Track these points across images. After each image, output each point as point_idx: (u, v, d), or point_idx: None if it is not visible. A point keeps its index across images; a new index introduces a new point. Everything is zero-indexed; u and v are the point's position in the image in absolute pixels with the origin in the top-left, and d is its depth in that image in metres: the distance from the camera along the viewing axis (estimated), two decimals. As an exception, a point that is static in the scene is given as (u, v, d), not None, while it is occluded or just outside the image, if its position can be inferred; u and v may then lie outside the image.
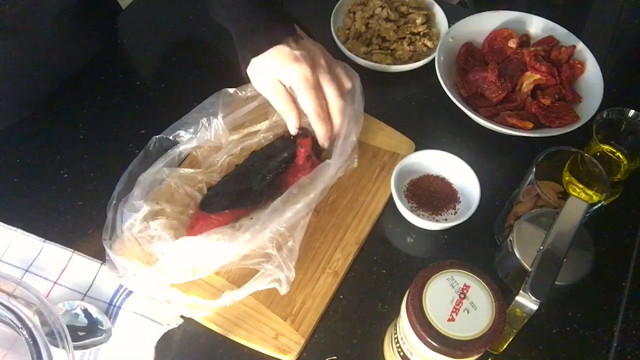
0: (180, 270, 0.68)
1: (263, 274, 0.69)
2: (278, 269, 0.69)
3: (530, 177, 0.71)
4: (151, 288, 0.68)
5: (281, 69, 0.71)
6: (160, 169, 0.74)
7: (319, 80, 0.72)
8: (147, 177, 0.73)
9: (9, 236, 0.74)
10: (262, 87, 0.74)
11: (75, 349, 0.64)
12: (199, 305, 0.68)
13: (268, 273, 0.69)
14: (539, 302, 0.59)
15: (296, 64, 0.70)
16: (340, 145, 0.76)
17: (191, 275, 0.68)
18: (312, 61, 0.71)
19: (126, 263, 0.67)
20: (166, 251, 0.68)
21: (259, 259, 0.70)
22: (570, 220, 0.63)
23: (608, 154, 0.79)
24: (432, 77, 0.88)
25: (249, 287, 0.68)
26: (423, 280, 0.56)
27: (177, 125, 0.78)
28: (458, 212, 0.79)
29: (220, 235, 0.68)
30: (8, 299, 0.60)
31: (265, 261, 0.69)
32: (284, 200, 0.71)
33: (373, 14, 0.96)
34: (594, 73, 0.89)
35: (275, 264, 0.69)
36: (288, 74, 0.71)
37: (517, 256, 0.66)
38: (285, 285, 0.69)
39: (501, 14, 0.96)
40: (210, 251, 0.67)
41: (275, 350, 0.68)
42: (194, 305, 0.68)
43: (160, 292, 0.68)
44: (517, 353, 0.70)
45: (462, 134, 0.89)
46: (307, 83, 0.70)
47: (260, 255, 0.70)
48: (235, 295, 0.68)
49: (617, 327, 0.73)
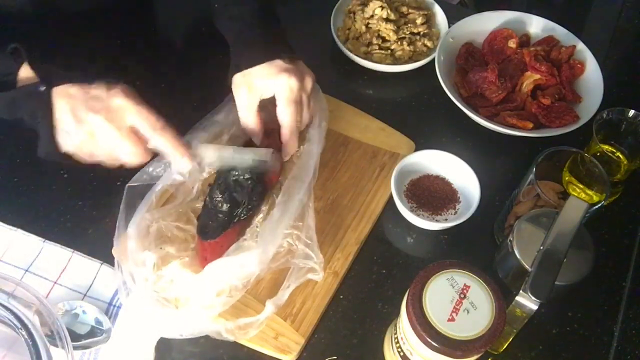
0: (217, 300, 0.66)
1: (294, 269, 0.70)
2: (306, 259, 0.69)
3: (530, 177, 0.71)
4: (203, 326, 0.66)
5: (268, 78, 0.71)
6: (143, 216, 0.71)
7: (301, 98, 0.73)
8: (134, 227, 0.70)
9: (9, 236, 0.74)
10: (240, 95, 0.73)
11: (75, 349, 0.64)
12: (248, 324, 0.66)
13: (299, 266, 0.69)
14: (539, 302, 0.59)
15: (285, 74, 0.70)
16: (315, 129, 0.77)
17: (230, 298, 0.67)
18: (300, 77, 0.72)
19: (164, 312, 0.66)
20: (196, 286, 0.66)
21: (285, 257, 0.70)
22: (570, 220, 0.63)
23: (608, 154, 0.79)
24: (432, 77, 0.88)
25: (287, 287, 0.68)
26: (423, 280, 0.56)
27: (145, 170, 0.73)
28: (458, 212, 0.79)
29: (239, 250, 0.68)
30: (8, 299, 0.60)
31: (292, 257, 0.70)
32: (284, 194, 0.71)
33: (373, 14, 0.96)
34: (594, 73, 0.89)
35: (302, 256, 0.70)
36: (274, 83, 0.71)
37: (517, 256, 0.66)
38: (320, 272, 0.70)
39: (501, 14, 0.96)
40: (238, 267, 0.66)
41: (275, 350, 0.68)
42: (243, 326, 0.66)
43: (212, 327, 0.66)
44: (517, 353, 0.70)
45: (462, 134, 0.89)
46: (291, 94, 0.71)
47: (285, 253, 0.70)
48: (277, 300, 0.67)
49: (617, 327, 0.73)
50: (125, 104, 0.62)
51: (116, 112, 0.62)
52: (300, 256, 0.70)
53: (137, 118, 0.63)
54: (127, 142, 0.62)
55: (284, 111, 0.72)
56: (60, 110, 0.62)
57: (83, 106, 0.62)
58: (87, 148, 0.63)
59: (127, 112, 0.62)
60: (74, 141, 0.63)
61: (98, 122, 0.61)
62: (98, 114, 0.61)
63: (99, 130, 0.62)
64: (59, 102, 0.62)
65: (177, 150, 0.65)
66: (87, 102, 0.62)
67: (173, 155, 0.65)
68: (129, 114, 0.62)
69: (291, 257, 0.70)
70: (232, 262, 0.66)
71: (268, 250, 0.67)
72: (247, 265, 0.66)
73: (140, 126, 0.63)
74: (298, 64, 0.74)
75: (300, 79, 0.72)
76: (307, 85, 0.74)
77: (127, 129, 0.62)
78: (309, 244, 0.70)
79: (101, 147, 0.63)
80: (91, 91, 0.62)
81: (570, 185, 0.77)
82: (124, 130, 0.62)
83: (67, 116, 0.62)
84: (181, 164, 0.67)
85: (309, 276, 0.69)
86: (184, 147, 0.66)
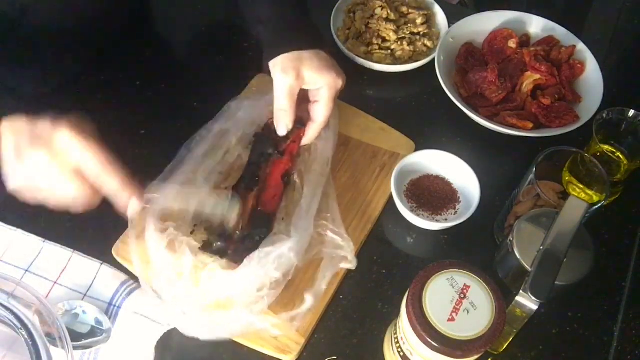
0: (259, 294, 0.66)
1: (327, 259, 0.72)
2: (338, 249, 0.71)
3: (530, 177, 0.71)
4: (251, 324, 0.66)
5: (318, 71, 0.72)
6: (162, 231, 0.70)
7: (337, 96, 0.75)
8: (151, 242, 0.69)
9: (9, 236, 0.74)
10: (285, 79, 0.71)
11: (75, 349, 0.64)
12: (293, 317, 0.67)
13: (332, 256, 0.71)
14: (539, 302, 0.59)
15: (334, 72, 0.72)
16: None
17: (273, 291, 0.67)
18: (343, 77, 0.74)
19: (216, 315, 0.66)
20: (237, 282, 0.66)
21: (318, 247, 0.72)
22: (570, 220, 0.63)
23: (608, 154, 0.79)
24: (432, 77, 0.88)
25: (323, 277, 0.70)
26: (423, 280, 0.56)
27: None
28: (458, 212, 0.79)
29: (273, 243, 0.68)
30: (7, 299, 0.60)
31: (324, 246, 0.72)
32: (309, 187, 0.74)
33: (373, 14, 0.96)
34: (594, 73, 0.89)
35: (333, 245, 0.72)
36: (323, 78, 0.72)
37: (517, 256, 0.66)
38: (352, 261, 0.72)
39: (501, 14, 0.95)
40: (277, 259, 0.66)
41: (275, 350, 0.68)
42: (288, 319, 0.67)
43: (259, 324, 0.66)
44: (517, 353, 0.70)
45: (462, 134, 0.89)
46: (334, 93, 0.73)
47: (317, 244, 0.72)
48: (316, 292, 0.69)
49: (617, 327, 0.73)
50: (71, 141, 0.57)
51: (60, 149, 0.57)
52: (331, 246, 0.72)
53: (83, 157, 0.57)
54: (70, 183, 0.57)
55: (323, 108, 0.73)
56: (5, 146, 0.57)
57: (27, 142, 0.57)
58: (29, 188, 0.58)
59: (71, 149, 0.57)
60: (17, 180, 0.58)
61: (39, 160, 0.56)
62: (40, 151, 0.56)
63: (43, 171, 0.57)
64: (5, 136, 0.57)
65: (124, 191, 0.59)
66: (32, 139, 0.57)
67: (120, 197, 0.60)
68: (74, 151, 0.57)
69: (323, 247, 0.72)
70: (270, 255, 0.66)
71: (303, 240, 0.69)
72: (285, 255, 0.67)
73: (85, 165, 0.57)
74: (335, 63, 0.75)
75: (343, 78, 0.74)
76: (340, 85, 0.75)
77: (71, 169, 0.57)
78: (338, 232, 0.73)
79: (43, 187, 0.58)
80: (37, 127, 0.57)
81: (570, 185, 0.77)
82: (67, 170, 0.57)
83: (10, 153, 0.57)
84: (129, 206, 0.60)
85: (342, 265, 0.72)
86: (132, 187, 0.60)
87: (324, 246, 0.73)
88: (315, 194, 0.74)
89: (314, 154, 0.79)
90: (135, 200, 0.60)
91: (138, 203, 0.61)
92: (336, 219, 0.75)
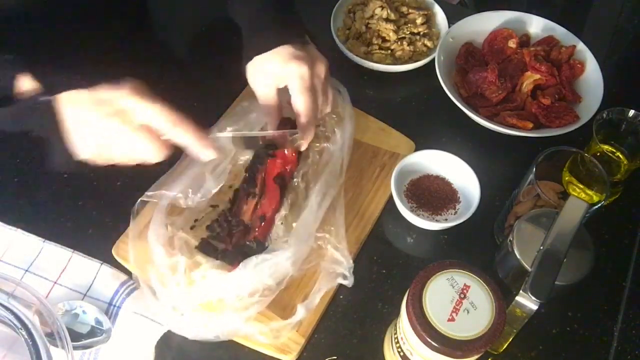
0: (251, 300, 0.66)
1: (324, 273, 0.70)
2: (336, 264, 0.70)
3: (530, 177, 0.71)
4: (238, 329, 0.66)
5: (279, 66, 0.70)
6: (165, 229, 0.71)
7: (314, 85, 0.71)
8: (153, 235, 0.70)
9: (9, 236, 0.74)
10: (256, 84, 0.73)
11: (75, 349, 0.64)
12: (281, 327, 0.67)
13: (329, 270, 0.70)
14: (539, 302, 0.59)
15: (295, 61, 0.69)
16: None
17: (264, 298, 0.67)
18: (311, 64, 0.70)
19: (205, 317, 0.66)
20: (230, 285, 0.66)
21: (316, 260, 0.71)
22: (570, 220, 0.63)
23: (608, 154, 0.79)
24: (432, 77, 0.88)
25: (318, 291, 0.69)
26: (423, 280, 0.56)
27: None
28: (458, 212, 0.79)
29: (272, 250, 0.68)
30: (7, 299, 0.60)
31: (322, 260, 0.71)
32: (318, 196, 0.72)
33: (373, 14, 0.96)
34: (594, 73, 0.89)
35: (331, 260, 0.70)
36: (285, 71, 0.70)
37: (517, 256, 0.66)
38: (350, 278, 0.70)
39: (501, 14, 0.95)
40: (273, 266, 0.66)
41: (275, 351, 0.68)
42: (276, 329, 0.67)
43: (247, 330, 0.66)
44: (517, 353, 0.70)
45: (462, 134, 0.89)
46: (302, 83, 0.69)
47: (316, 256, 0.71)
48: (308, 305, 0.68)
49: (617, 327, 0.73)
50: (137, 103, 0.60)
51: (128, 113, 0.59)
52: (330, 260, 0.71)
53: (151, 115, 0.60)
54: (145, 141, 0.60)
55: (297, 100, 0.70)
56: (70, 119, 0.59)
57: (93, 112, 0.59)
58: (104, 153, 0.61)
59: (139, 111, 0.60)
60: (89, 148, 0.61)
61: (112, 127, 0.59)
62: (110, 118, 0.59)
63: (114, 134, 0.60)
64: (67, 110, 0.59)
65: (199, 142, 0.63)
66: (97, 106, 0.59)
67: (195, 147, 0.63)
68: (142, 112, 0.60)
69: (321, 260, 0.71)
70: (266, 261, 0.66)
71: (302, 250, 0.68)
72: (282, 264, 0.66)
73: (156, 123, 0.61)
74: (309, 49, 0.72)
75: (311, 65, 0.70)
76: (320, 71, 0.72)
77: (142, 128, 0.60)
78: (339, 248, 0.71)
79: (118, 150, 0.61)
80: (98, 94, 0.59)
81: (570, 185, 0.77)
82: (140, 130, 0.60)
83: (79, 125, 0.60)
84: (205, 155, 0.64)
85: (339, 281, 0.70)
86: (206, 139, 0.63)
87: (322, 259, 0.71)
88: (321, 205, 0.73)
89: (326, 157, 0.78)
90: (211, 150, 0.64)
91: (213, 152, 0.64)
92: (339, 233, 0.73)
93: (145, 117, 0.60)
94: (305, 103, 0.70)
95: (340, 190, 0.76)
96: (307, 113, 0.70)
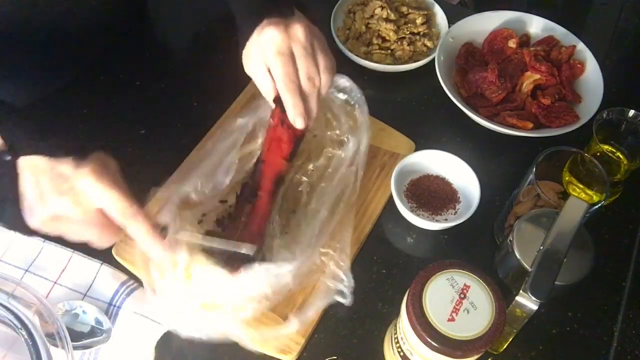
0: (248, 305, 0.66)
1: (323, 288, 0.69)
2: (337, 281, 0.69)
3: (530, 177, 0.71)
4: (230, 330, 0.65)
5: (257, 40, 0.67)
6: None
7: (290, 48, 0.67)
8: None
9: (9, 236, 0.74)
10: (248, 68, 0.71)
11: (75, 349, 0.64)
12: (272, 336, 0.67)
13: (329, 286, 0.69)
14: (539, 302, 0.59)
15: (267, 28, 0.66)
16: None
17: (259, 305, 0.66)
18: (284, 28, 0.66)
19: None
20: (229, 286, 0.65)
21: (317, 275, 0.70)
22: (570, 220, 0.63)
23: (608, 154, 0.79)
24: (432, 77, 0.88)
25: (312, 306, 0.68)
26: (423, 280, 0.56)
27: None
28: (458, 212, 0.79)
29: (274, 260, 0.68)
30: (7, 299, 0.60)
31: (322, 275, 0.70)
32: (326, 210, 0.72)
33: (373, 14, 0.96)
34: (594, 73, 0.89)
35: (332, 276, 0.69)
36: (261, 41, 0.67)
37: (517, 256, 0.66)
38: (349, 297, 0.68)
39: (501, 14, 0.95)
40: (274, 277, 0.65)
41: (275, 350, 0.68)
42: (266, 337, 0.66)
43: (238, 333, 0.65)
44: (517, 353, 0.70)
45: (462, 134, 0.89)
46: (274, 47, 0.66)
47: (317, 271, 0.70)
48: (302, 316, 0.67)
49: (617, 327, 0.73)
50: (94, 186, 0.55)
51: (83, 195, 0.55)
52: (330, 276, 0.70)
53: (107, 202, 0.56)
54: (95, 228, 0.57)
55: (272, 66, 0.66)
56: (25, 185, 0.56)
57: (49, 184, 0.55)
58: (51, 227, 0.57)
59: (95, 195, 0.56)
60: (39, 218, 0.56)
61: (63, 205, 0.55)
62: (63, 197, 0.55)
63: (64, 213, 0.56)
64: (24, 174, 0.56)
65: (151, 241, 0.59)
66: (53, 179, 0.55)
67: (145, 245, 0.59)
68: (98, 197, 0.56)
69: (322, 276, 0.70)
70: (269, 271, 0.65)
71: (305, 266, 0.67)
72: (283, 276, 0.65)
73: (110, 211, 0.57)
74: (292, 19, 0.68)
75: (283, 29, 0.66)
76: (296, 34, 0.67)
77: (94, 213, 0.56)
78: (341, 266, 0.70)
79: (66, 228, 0.57)
80: (58, 168, 0.55)
81: (570, 185, 0.77)
82: (92, 215, 0.56)
83: (32, 193, 0.56)
84: (155, 255, 0.61)
85: (336, 298, 0.69)
86: (159, 237, 0.60)
87: (323, 275, 0.70)
88: (330, 221, 0.72)
89: (335, 163, 0.77)
90: (161, 248, 0.60)
91: (164, 251, 0.60)
92: (344, 250, 0.71)
93: (99, 202, 0.56)
94: (278, 67, 0.66)
95: (350, 209, 0.75)
96: (282, 78, 0.66)
